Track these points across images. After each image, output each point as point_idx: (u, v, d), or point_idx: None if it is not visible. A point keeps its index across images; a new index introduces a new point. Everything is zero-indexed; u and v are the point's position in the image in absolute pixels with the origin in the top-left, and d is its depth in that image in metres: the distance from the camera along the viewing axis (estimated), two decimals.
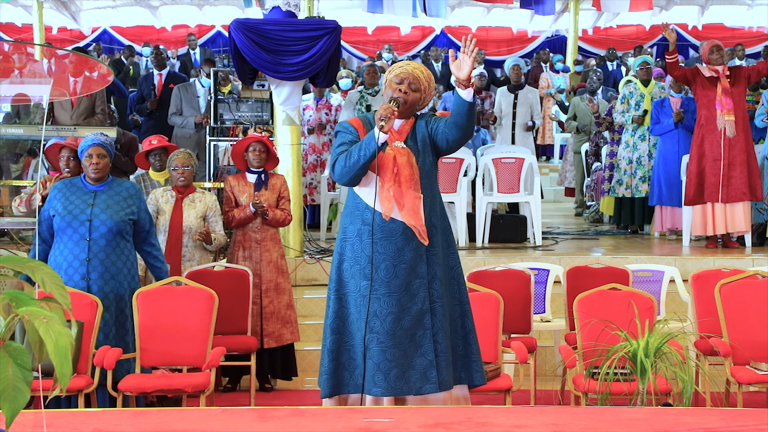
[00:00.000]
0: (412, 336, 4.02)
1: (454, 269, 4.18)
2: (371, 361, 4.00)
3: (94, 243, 5.07)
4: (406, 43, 19.84)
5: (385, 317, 4.01)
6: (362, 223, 4.07)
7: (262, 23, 7.46)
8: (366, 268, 4.03)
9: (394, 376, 3.99)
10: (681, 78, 8.34)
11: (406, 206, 4.01)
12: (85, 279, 5.05)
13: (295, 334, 6.23)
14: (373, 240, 4.02)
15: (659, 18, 18.51)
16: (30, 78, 5.75)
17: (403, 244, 4.03)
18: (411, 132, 4.14)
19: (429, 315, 4.04)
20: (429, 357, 4.02)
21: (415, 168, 4.06)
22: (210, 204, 6.09)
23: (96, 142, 5.21)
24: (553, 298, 6.44)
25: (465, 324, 4.18)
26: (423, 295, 4.04)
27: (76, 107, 8.80)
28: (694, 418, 3.53)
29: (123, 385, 4.87)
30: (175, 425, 3.44)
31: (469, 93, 3.90)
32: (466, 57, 3.89)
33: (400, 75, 4.14)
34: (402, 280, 4.02)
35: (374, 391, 4.01)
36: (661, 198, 8.88)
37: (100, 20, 19.55)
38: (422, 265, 4.05)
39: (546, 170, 13.84)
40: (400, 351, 4.01)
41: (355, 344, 4.07)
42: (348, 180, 4.06)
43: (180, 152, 6.14)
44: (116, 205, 5.14)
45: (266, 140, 6.29)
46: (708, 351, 5.13)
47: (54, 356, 2.12)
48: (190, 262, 6.02)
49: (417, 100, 4.13)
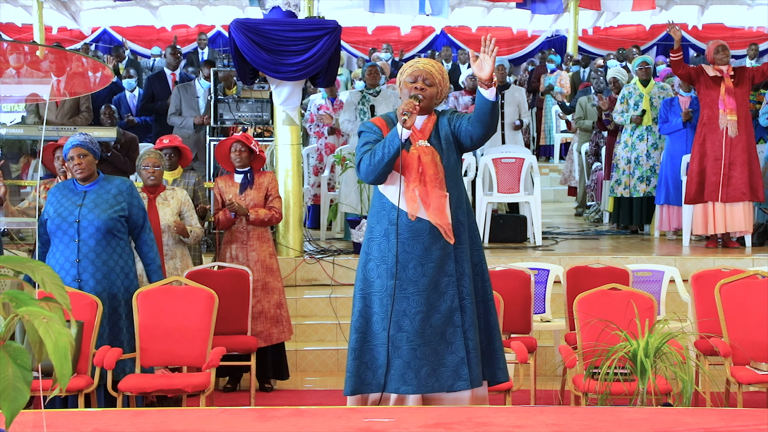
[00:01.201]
0: (442, 334, 4.05)
1: (479, 266, 4.21)
2: (400, 360, 4.03)
3: (83, 243, 5.05)
4: (406, 43, 19.84)
5: (414, 316, 4.04)
6: (389, 222, 4.09)
7: (262, 23, 7.46)
8: (393, 267, 4.05)
9: (425, 374, 4.02)
10: (685, 77, 8.35)
11: (431, 205, 4.03)
12: (76, 280, 5.02)
13: (285, 333, 6.19)
14: (398, 240, 4.04)
15: (659, 18, 18.52)
16: (26, 78, 5.75)
17: (431, 243, 4.05)
18: (434, 130, 4.17)
19: (459, 312, 4.06)
20: (460, 354, 4.04)
21: (440, 166, 4.08)
22: (183, 199, 6.06)
23: (75, 144, 5.18)
24: (553, 298, 6.44)
25: (489, 321, 4.20)
26: (452, 293, 4.07)
27: (61, 107, 8.79)
28: (694, 418, 3.53)
29: (123, 385, 4.87)
30: (175, 425, 3.44)
31: (492, 92, 3.94)
32: (487, 57, 3.92)
33: (413, 74, 4.17)
34: (430, 278, 4.05)
35: (403, 389, 4.03)
36: (668, 197, 8.87)
37: (100, 20, 19.56)
38: (450, 263, 4.08)
39: (546, 170, 13.84)
40: (431, 349, 4.03)
41: (378, 344, 4.09)
42: (374, 178, 4.09)
43: (151, 152, 6.11)
44: (104, 204, 5.11)
45: (245, 139, 6.23)
46: (708, 351, 5.13)
47: (54, 356, 2.12)
48: (173, 260, 5.99)
49: (434, 94, 4.17)
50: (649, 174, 9.21)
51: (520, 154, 9.04)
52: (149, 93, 10.20)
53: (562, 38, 18.83)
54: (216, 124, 8.68)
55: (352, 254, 7.88)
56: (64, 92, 5.85)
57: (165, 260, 5.96)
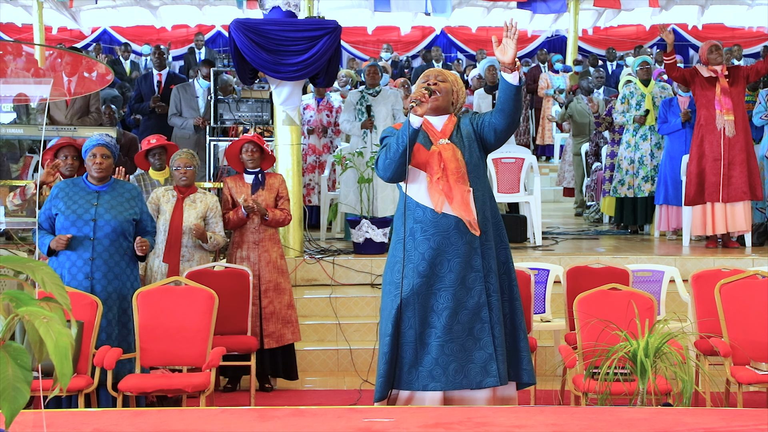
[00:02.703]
0: (470, 330, 4.04)
1: (506, 264, 4.21)
2: (429, 357, 4.01)
3: (98, 243, 5.09)
4: (406, 43, 19.84)
5: (442, 312, 4.03)
6: (414, 221, 4.09)
7: (262, 23, 7.45)
8: (420, 265, 4.05)
9: (453, 370, 4.01)
10: (679, 79, 8.36)
11: (455, 199, 4.03)
12: (89, 278, 5.07)
13: (296, 334, 6.22)
14: (424, 236, 4.04)
15: (659, 18, 18.51)
16: (28, 78, 5.74)
17: (457, 238, 4.05)
18: (455, 130, 4.18)
19: (486, 308, 4.06)
20: (488, 350, 4.03)
21: (461, 162, 4.09)
22: (211, 205, 6.08)
23: (101, 142, 5.24)
24: (553, 298, 6.44)
25: (515, 320, 4.19)
26: (479, 289, 4.06)
27: (71, 106, 8.80)
28: (694, 418, 3.53)
29: (123, 385, 4.87)
30: (175, 425, 3.44)
31: (515, 76, 3.94)
32: (510, 41, 3.95)
33: (425, 74, 4.24)
34: (457, 274, 4.04)
35: (432, 386, 4.02)
36: (668, 198, 8.87)
37: (100, 20, 19.55)
38: (477, 258, 4.07)
39: (546, 170, 13.84)
40: (458, 345, 4.02)
41: (405, 342, 4.07)
42: (392, 172, 4.07)
43: (183, 152, 6.13)
44: (120, 206, 5.17)
45: (257, 139, 6.24)
46: (708, 351, 5.13)
47: (54, 356, 2.12)
48: (189, 263, 6.01)
49: (449, 90, 4.19)
50: (653, 174, 9.21)
51: (520, 154, 9.04)
52: (138, 94, 10.23)
53: (562, 38, 18.82)
54: (216, 124, 8.68)
55: (352, 254, 7.89)
56: (75, 92, 5.87)
57: (181, 262, 5.97)
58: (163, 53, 10.77)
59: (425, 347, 4.02)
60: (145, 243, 5.20)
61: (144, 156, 6.55)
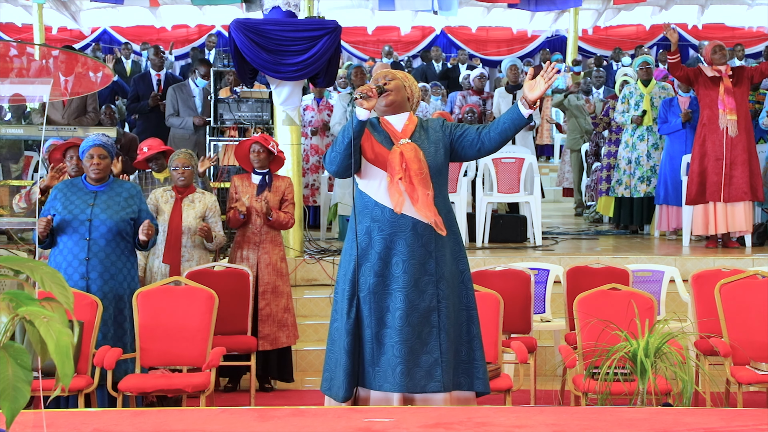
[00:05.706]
0: (419, 333, 4.00)
1: (464, 273, 4.16)
2: (384, 357, 4.00)
3: (93, 243, 5.08)
4: (406, 43, 19.83)
5: (395, 312, 4.00)
6: (371, 220, 4.06)
7: (262, 23, 7.45)
8: (376, 264, 4.03)
9: (400, 373, 3.98)
10: (683, 78, 8.36)
11: (420, 200, 4.00)
12: (84, 278, 5.06)
13: (291, 338, 6.18)
14: (380, 236, 4.03)
15: (659, 18, 18.52)
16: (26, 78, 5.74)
17: (413, 240, 4.02)
18: (417, 131, 4.15)
19: (436, 313, 4.03)
20: (435, 355, 4.00)
21: (424, 163, 4.05)
22: (209, 204, 6.08)
23: (97, 143, 5.23)
24: (553, 298, 6.44)
25: (470, 329, 4.15)
26: (431, 293, 4.03)
27: (68, 106, 8.80)
28: (694, 418, 3.53)
29: (123, 385, 4.87)
30: (175, 425, 3.44)
31: (529, 112, 3.99)
32: (542, 82, 3.95)
33: (375, 76, 4.24)
34: (411, 276, 4.01)
35: (386, 386, 4.00)
36: (667, 198, 8.88)
37: (100, 20, 19.54)
38: (431, 262, 4.04)
39: (546, 170, 13.85)
40: (408, 347, 3.99)
41: (364, 341, 4.06)
42: (337, 165, 4.03)
43: (181, 152, 6.13)
44: (117, 206, 5.15)
45: (263, 140, 6.22)
46: (708, 351, 5.13)
47: (55, 356, 2.12)
48: (189, 263, 6.01)
49: (400, 86, 4.15)
50: (649, 174, 9.22)
51: (520, 154, 9.04)
52: (135, 93, 10.22)
53: (562, 38, 18.82)
54: (216, 124, 8.68)
55: None
56: (72, 92, 5.86)
57: (181, 262, 5.97)
58: (161, 53, 10.76)
59: (381, 347, 4.01)
60: (151, 227, 5.15)
61: (144, 160, 6.62)
